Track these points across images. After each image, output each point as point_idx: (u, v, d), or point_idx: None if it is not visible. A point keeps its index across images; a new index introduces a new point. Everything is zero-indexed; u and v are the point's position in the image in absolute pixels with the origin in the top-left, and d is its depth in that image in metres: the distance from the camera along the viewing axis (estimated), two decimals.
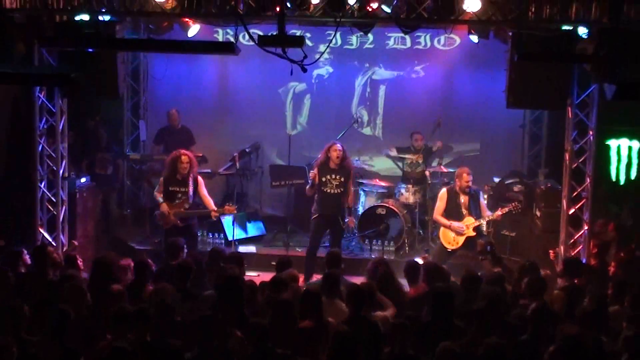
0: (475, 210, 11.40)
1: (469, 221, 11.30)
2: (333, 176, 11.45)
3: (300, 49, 8.09)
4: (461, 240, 11.33)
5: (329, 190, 11.45)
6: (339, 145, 11.56)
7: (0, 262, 9.15)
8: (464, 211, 11.38)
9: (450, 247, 11.41)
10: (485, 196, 12.10)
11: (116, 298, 7.95)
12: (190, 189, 11.42)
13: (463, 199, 11.42)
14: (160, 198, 11.45)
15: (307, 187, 11.70)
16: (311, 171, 11.57)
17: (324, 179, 11.43)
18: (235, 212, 12.05)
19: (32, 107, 11.32)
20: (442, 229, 11.49)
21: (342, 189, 11.48)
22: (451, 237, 11.38)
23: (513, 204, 11.55)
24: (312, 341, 6.82)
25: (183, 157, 11.40)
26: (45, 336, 7.01)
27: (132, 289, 8.52)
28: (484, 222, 11.54)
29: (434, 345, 6.80)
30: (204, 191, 11.54)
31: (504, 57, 10.97)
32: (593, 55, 9.83)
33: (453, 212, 11.44)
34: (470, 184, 11.40)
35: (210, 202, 11.57)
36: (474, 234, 11.31)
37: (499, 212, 11.40)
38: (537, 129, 14.32)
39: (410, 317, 7.36)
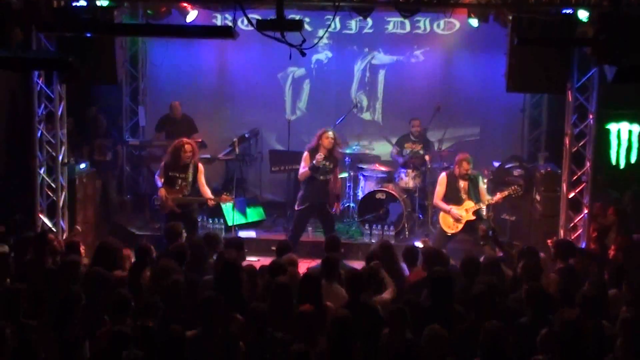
0: (475, 194, 11.39)
1: (469, 205, 11.30)
2: (325, 163, 11.45)
3: (299, 33, 8.06)
4: (461, 224, 11.33)
5: (320, 177, 11.46)
6: (331, 132, 11.55)
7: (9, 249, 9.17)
8: (464, 196, 11.37)
9: (450, 232, 11.41)
10: (485, 180, 12.08)
11: (117, 284, 7.98)
12: (190, 175, 11.40)
13: (462, 183, 11.41)
14: (160, 182, 11.44)
15: (304, 170, 11.64)
16: (318, 154, 11.48)
17: (314, 165, 11.46)
18: (232, 201, 12.05)
19: (30, 93, 11.28)
20: (441, 213, 11.49)
21: (329, 176, 11.51)
22: (451, 221, 11.39)
23: (513, 187, 11.54)
24: (310, 325, 6.82)
25: (186, 147, 11.37)
26: (45, 321, 7.04)
27: (133, 274, 8.56)
28: (483, 206, 11.53)
29: None
30: (202, 179, 11.53)
31: (504, 41, 10.94)
32: (593, 39, 9.79)
33: (452, 196, 11.44)
34: (469, 172, 11.40)
35: (207, 191, 11.53)
36: (474, 218, 11.31)
37: (498, 196, 11.39)
38: (537, 113, 14.29)
39: (409, 301, 7.37)
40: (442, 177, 11.65)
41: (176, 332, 6.52)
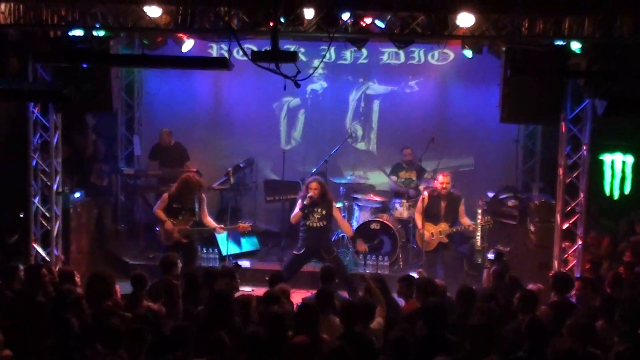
0: (452, 215, 11.58)
1: (443, 227, 11.62)
2: (315, 209, 11.40)
3: (293, 64, 8.12)
4: (434, 244, 11.68)
5: (311, 224, 11.37)
6: (315, 183, 11.41)
7: None
8: (442, 213, 11.70)
9: (424, 248, 11.77)
10: (480, 211, 12.11)
11: (110, 313, 7.97)
12: (196, 206, 11.43)
13: (442, 203, 11.60)
14: (162, 215, 11.42)
15: (295, 213, 11.57)
16: (307, 198, 11.37)
17: (306, 212, 11.37)
18: (250, 229, 12.07)
19: (26, 122, 11.31)
20: (417, 230, 11.86)
21: (324, 222, 11.40)
22: (422, 240, 11.76)
23: (485, 218, 11.81)
24: (305, 357, 6.80)
25: (197, 187, 11.47)
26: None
27: (130, 303, 8.55)
28: (459, 229, 11.80)
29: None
30: (204, 209, 11.56)
31: (497, 72, 11.01)
32: (586, 71, 9.88)
33: (432, 213, 11.77)
34: (445, 185, 11.68)
35: (210, 221, 11.61)
36: (446, 240, 11.63)
37: (472, 227, 11.80)
38: (531, 143, 14.33)
39: (405, 331, 7.37)
40: (424, 194, 11.92)
41: None
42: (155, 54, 12.42)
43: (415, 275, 10.20)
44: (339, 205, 13.06)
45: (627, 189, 12.81)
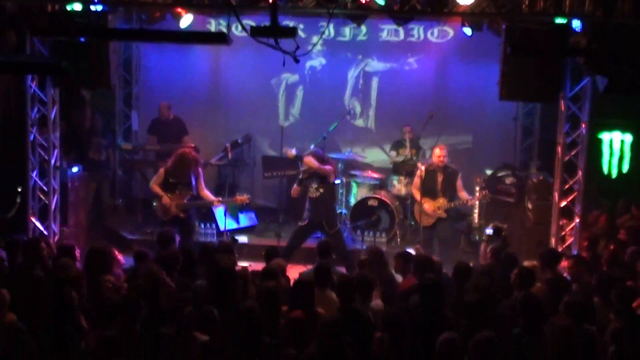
0: (449, 190, 11.60)
1: (442, 203, 11.58)
2: (311, 181, 11.51)
3: (292, 40, 8.09)
4: (433, 220, 11.67)
5: (311, 195, 11.50)
6: (307, 157, 11.58)
7: None
8: (439, 188, 11.71)
9: (423, 224, 11.76)
10: (477, 188, 12.11)
11: (108, 288, 8.01)
12: (193, 180, 11.44)
13: (439, 177, 11.58)
14: (158, 190, 11.43)
15: (294, 186, 11.75)
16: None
17: (304, 185, 11.54)
18: (248, 201, 12.08)
19: (23, 96, 11.29)
20: (415, 204, 11.87)
21: (321, 191, 11.48)
22: (423, 214, 11.74)
23: (483, 192, 11.78)
24: (301, 331, 6.83)
25: (191, 157, 11.46)
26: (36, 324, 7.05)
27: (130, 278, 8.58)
28: (457, 204, 11.82)
29: (425, 336, 6.84)
30: (202, 183, 11.58)
31: (497, 50, 10.97)
32: (586, 49, 9.86)
33: (428, 190, 11.79)
34: (442, 159, 11.71)
35: (208, 194, 11.62)
36: (445, 216, 11.63)
37: (470, 202, 11.80)
38: (529, 121, 14.32)
39: (401, 308, 7.40)
40: (421, 168, 11.93)
41: (165, 335, 6.54)
42: (153, 29, 12.37)
43: (412, 251, 10.22)
44: (337, 182, 13.07)
45: (625, 168, 12.83)
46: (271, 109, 15.01)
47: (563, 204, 11.16)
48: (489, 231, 10.49)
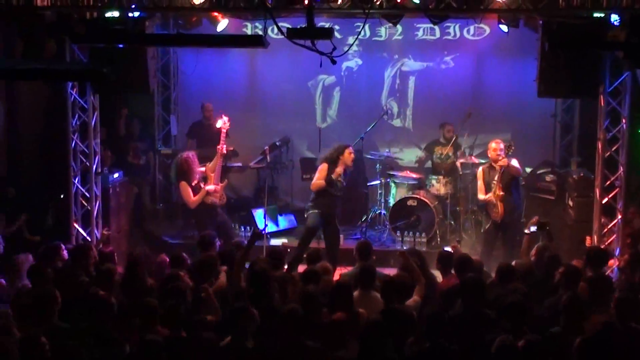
0: (505, 182, 11.34)
1: (494, 186, 11.30)
2: (341, 180, 11.38)
3: (329, 41, 8.06)
4: (499, 206, 11.29)
5: (334, 192, 11.36)
6: (351, 149, 11.48)
7: (38, 257, 9.21)
8: (494, 185, 11.34)
9: (497, 218, 11.37)
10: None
11: (150, 292, 8.03)
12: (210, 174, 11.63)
13: (497, 174, 11.33)
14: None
15: (319, 182, 11.37)
16: (338, 168, 11.28)
17: (333, 179, 11.31)
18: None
19: (64, 104, 11.39)
20: (487, 206, 11.53)
21: (341, 193, 11.45)
22: (491, 207, 11.38)
23: (508, 143, 11.50)
24: (343, 333, 6.80)
25: (183, 161, 11.55)
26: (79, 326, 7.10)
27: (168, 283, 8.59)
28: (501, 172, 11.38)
29: (466, 337, 6.77)
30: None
31: (534, 46, 10.87)
32: (625, 43, 9.70)
33: (488, 188, 11.44)
34: (498, 152, 11.32)
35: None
36: (502, 193, 11.28)
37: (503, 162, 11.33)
38: (569, 118, 14.16)
39: (439, 307, 7.34)
40: (479, 171, 11.68)
41: (207, 340, 6.54)
42: (190, 33, 12.42)
43: (449, 249, 10.13)
44: (376, 182, 12.99)
45: None
46: (308, 110, 15.00)
47: (604, 200, 10.99)
48: (532, 228, 10.33)
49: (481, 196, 11.54)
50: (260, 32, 12.08)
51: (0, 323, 7.06)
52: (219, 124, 11.77)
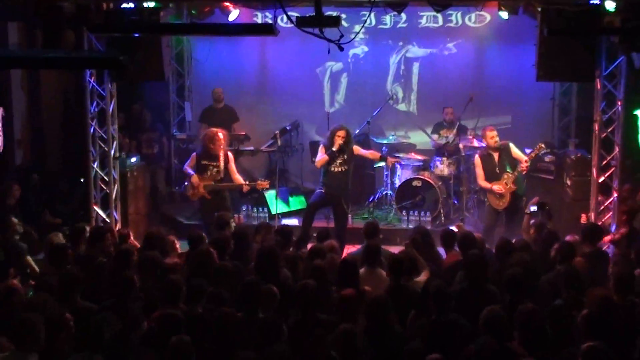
0: (509, 163, 11.27)
1: (506, 177, 11.21)
2: (339, 155, 11.35)
3: (336, 29, 8.08)
4: (506, 198, 11.24)
5: (333, 169, 11.36)
6: (342, 131, 11.37)
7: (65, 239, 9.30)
8: (498, 170, 11.28)
9: (500, 208, 11.35)
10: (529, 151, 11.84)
11: (169, 270, 8.10)
12: (222, 163, 11.46)
13: (495, 157, 11.33)
14: (190, 171, 11.48)
15: (322, 157, 11.43)
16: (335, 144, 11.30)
17: (332, 157, 11.34)
18: (268, 186, 12.04)
19: (83, 91, 11.45)
20: (488, 194, 11.47)
21: (346, 167, 11.39)
22: (496, 198, 11.33)
23: (537, 146, 11.37)
24: (352, 309, 6.85)
25: (217, 136, 11.43)
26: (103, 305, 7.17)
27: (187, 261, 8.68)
28: (521, 169, 11.24)
29: (469, 311, 6.82)
30: (232, 167, 11.57)
31: (533, 32, 10.86)
32: (620, 28, 9.70)
33: (490, 174, 11.36)
34: (495, 139, 11.31)
35: (238, 178, 11.56)
36: (515, 187, 11.22)
37: (528, 157, 11.28)
38: (566, 101, 14.16)
39: (444, 283, 7.38)
40: (476, 159, 11.61)
41: (227, 316, 6.60)
42: (203, 23, 12.45)
43: (454, 228, 10.18)
44: (381, 163, 13.02)
45: None
46: (317, 96, 15.02)
47: (601, 179, 11.01)
48: (533, 208, 10.35)
49: (484, 183, 11.45)
50: (271, 21, 12.08)
51: (28, 300, 7.14)
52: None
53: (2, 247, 9.39)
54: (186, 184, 11.69)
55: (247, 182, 11.67)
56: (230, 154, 11.65)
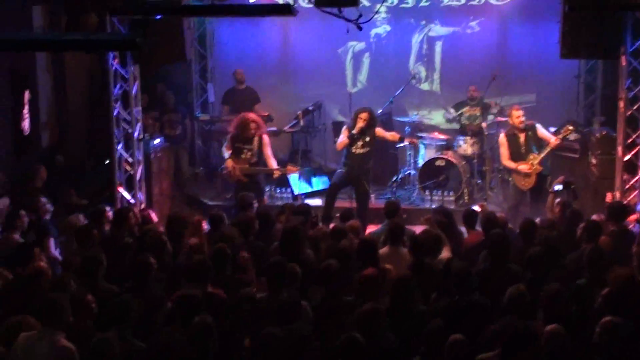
0: (535, 143, 11.15)
1: (532, 157, 11.08)
2: (361, 137, 11.34)
3: (355, 9, 8.01)
4: (531, 178, 11.13)
5: (355, 150, 11.36)
6: (365, 113, 11.37)
7: (86, 220, 9.33)
8: (523, 150, 11.15)
9: (525, 187, 11.23)
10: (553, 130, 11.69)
11: (192, 250, 8.11)
12: (255, 146, 11.47)
13: (521, 137, 11.20)
14: (227, 154, 11.56)
15: (343, 140, 11.49)
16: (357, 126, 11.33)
17: (354, 139, 11.33)
18: (297, 172, 12.05)
19: (106, 74, 11.43)
20: (513, 174, 11.35)
21: (368, 148, 11.36)
22: (522, 177, 11.21)
23: (565, 128, 11.27)
24: (374, 288, 6.81)
25: (252, 124, 11.46)
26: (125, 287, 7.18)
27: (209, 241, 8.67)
28: (547, 151, 11.19)
29: (492, 290, 6.76)
30: (268, 151, 11.56)
31: (556, 9, 10.70)
32: None
33: (515, 154, 11.24)
34: (521, 119, 11.19)
35: (272, 163, 11.55)
36: (541, 168, 11.12)
37: (557, 139, 11.19)
38: (591, 78, 13.96)
39: (466, 263, 7.33)
40: (502, 137, 11.47)
41: (248, 295, 6.59)
42: (224, 4, 12.38)
43: (477, 208, 10.09)
44: (405, 144, 12.93)
45: None
46: (339, 76, 14.92)
47: (626, 157, 10.86)
48: (558, 187, 10.23)
49: (508, 163, 11.32)
50: (290, 1, 12.01)
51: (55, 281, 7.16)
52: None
53: (34, 228, 9.41)
54: (222, 167, 11.77)
55: (278, 167, 11.65)
56: (266, 138, 11.65)
